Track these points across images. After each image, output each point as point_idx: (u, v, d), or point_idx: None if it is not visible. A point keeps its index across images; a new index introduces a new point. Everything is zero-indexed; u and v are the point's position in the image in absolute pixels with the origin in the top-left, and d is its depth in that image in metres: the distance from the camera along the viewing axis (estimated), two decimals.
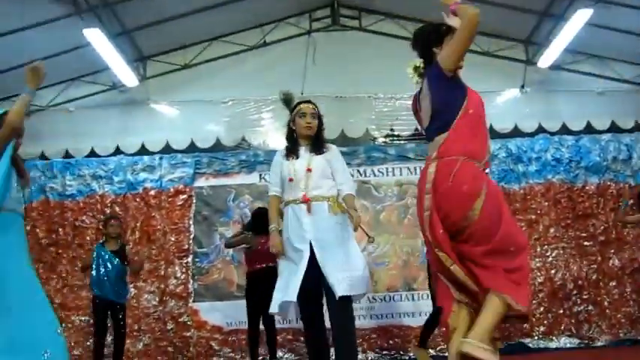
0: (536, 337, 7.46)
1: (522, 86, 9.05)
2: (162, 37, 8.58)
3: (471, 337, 2.90)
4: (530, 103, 9.02)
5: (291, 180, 4.20)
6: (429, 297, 6.71)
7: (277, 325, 6.86)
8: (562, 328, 7.54)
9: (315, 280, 4.02)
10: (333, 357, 4.22)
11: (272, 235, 4.21)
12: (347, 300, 3.97)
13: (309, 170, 4.16)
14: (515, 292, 2.93)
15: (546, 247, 7.80)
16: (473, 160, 3.04)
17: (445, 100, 3.13)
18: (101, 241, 6.62)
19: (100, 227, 7.30)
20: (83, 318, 7.67)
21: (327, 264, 4.00)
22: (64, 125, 8.71)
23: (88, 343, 7.38)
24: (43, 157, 8.61)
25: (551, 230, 7.90)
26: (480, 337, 2.89)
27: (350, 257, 4.07)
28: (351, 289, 3.95)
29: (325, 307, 4.13)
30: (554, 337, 7.48)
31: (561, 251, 7.83)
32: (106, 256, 6.36)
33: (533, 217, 7.91)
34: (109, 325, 6.47)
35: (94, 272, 6.37)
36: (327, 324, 4.17)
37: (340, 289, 3.92)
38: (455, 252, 3.03)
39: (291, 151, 4.30)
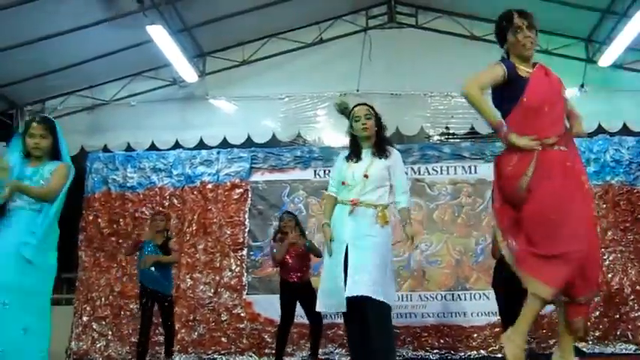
0: (590, 342, 7.33)
1: (582, 85, 8.84)
2: (221, 33, 8.72)
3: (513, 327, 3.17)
4: (590, 103, 8.79)
5: (344, 184, 4.29)
6: (482, 297, 6.71)
7: (328, 321, 6.99)
8: (618, 333, 7.40)
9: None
10: None
11: (324, 230, 4.36)
12: (367, 299, 3.96)
13: (365, 176, 4.23)
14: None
15: (603, 250, 7.63)
16: None
17: None
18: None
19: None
20: None
21: (353, 265, 4.05)
22: (126, 119, 8.95)
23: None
24: (105, 149, 8.88)
25: (609, 233, 7.75)
26: (516, 328, 3.13)
27: (376, 267, 4.05)
28: (366, 290, 3.94)
29: None
30: (609, 343, 7.35)
31: (619, 255, 7.68)
32: (150, 249, 6.57)
33: None
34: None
35: (139, 264, 6.66)
36: None
37: (353, 289, 3.96)
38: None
39: (353, 154, 4.37)
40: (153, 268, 6.51)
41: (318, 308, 4.32)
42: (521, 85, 3.23)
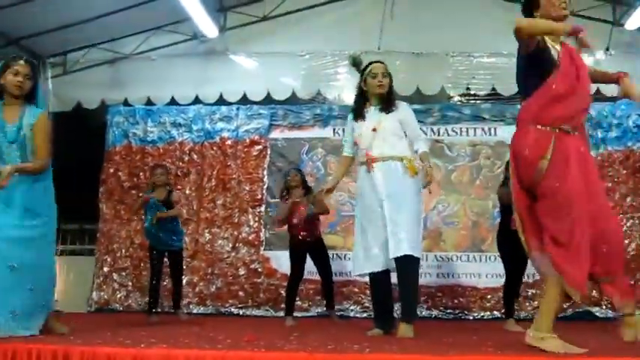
0: (604, 307, 7.35)
1: (607, 48, 8.69)
2: None
3: (532, 327, 3.02)
4: (615, 66, 8.48)
5: (357, 143, 4.38)
6: (497, 259, 6.73)
7: (343, 278, 7.14)
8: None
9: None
10: (398, 312, 4.40)
11: (330, 181, 4.67)
12: (411, 258, 4.12)
13: (374, 130, 4.28)
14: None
15: (621, 216, 7.62)
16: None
17: None
18: (149, 190, 6.50)
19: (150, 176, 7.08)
20: None
21: (394, 223, 4.14)
22: (146, 73, 8.96)
23: (164, 283, 7.79)
24: (126, 103, 8.94)
25: (628, 199, 7.72)
26: (539, 326, 2.99)
27: (413, 221, 4.22)
28: (408, 248, 4.11)
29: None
30: None
31: (637, 221, 7.65)
32: (154, 206, 6.26)
33: (610, 184, 7.71)
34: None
35: (145, 222, 6.42)
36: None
37: (397, 250, 4.11)
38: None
39: (359, 113, 4.44)
40: (157, 226, 6.23)
41: (358, 271, 4.40)
42: (550, 64, 3.12)
